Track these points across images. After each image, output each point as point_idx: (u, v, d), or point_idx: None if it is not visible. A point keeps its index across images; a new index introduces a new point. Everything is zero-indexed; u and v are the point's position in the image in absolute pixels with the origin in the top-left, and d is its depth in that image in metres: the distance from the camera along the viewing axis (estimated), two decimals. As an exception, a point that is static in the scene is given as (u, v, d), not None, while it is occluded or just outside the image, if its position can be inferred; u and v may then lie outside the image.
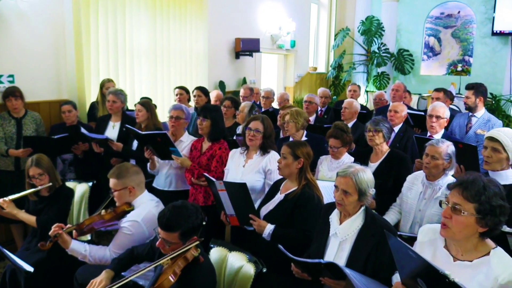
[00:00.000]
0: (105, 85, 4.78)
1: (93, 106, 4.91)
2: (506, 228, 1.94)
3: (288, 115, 3.91)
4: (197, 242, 2.16)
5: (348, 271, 1.97)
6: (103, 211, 2.80)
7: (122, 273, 2.49)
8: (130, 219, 2.74)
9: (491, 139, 2.59)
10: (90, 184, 3.78)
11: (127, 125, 3.89)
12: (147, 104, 4.15)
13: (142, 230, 2.73)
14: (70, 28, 4.85)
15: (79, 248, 2.68)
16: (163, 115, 5.35)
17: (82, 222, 2.75)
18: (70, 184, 3.71)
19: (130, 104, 4.98)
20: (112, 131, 4.34)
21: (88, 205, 3.71)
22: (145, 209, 2.81)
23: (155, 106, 5.06)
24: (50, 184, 3.21)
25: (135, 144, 4.14)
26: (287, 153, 2.78)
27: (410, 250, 1.63)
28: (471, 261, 1.74)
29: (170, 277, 2.04)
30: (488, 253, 1.73)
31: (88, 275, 2.86)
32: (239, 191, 2.78)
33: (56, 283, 3.12)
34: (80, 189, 3.76)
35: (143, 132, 3.67)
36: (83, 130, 4.02)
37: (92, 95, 5.03)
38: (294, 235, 2.63)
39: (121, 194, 2.83)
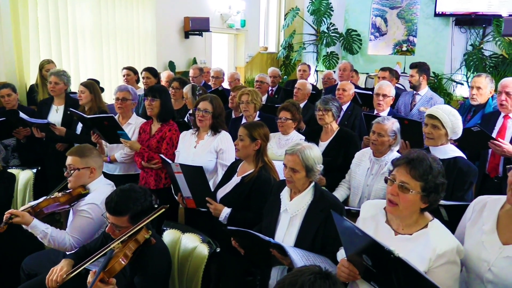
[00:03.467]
0: (44, 66, 4.54)
1: (33, 89, 4.67)
2: (440, 201, 2.04)
3: (246, 96, 3.84)
4: (149, 220, 2.12)
5: (294, 256, 2.02)
6: (58, 194, 2.66)
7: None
8: (89, 202, 2.62)
9: (431, 116, 2.69)
10: (34, 170, 3.62)
11: (71, 109, 3.74)
12: (90, 85, 3.98)
13: (102, 213, 2.64)
14: (6, 5, 4.54)
15: (41, 225, 2.53)
16: (111, 98, 5.18)
17: (37, 204, 2.60)
18: (13, 171, 3.53)
19: (75, 87, 4.78)
20: (56, 115, 4.15)
21: (33, 192, 3.56)
22: (103, 192, 2.68)
23: (102, 89, 4.89)
24: (-12, 169, 3.05)
25: (79, 128, 3.99)
26: (244, 135, 2.76)
27: (356, 228, 1.67)
28: (411, 234, 1.81)
29: (120, 259, 2.00)
30: (426, 226, 1.81)
31: (35, 265, 2.78)
32: (195, 174, 2.76)
33: (2, 274, 3.00)
34: (24, 175, 3.58)
35: (89, 116, 3.54)
36: (22, 114, 3.81)
37: (32, 77, 4.78)
38: (251, 218, 2.64)
39: (81, 173, 2.68)
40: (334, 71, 6.66)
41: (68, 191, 2.70)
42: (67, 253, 2.60)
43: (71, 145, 3.98)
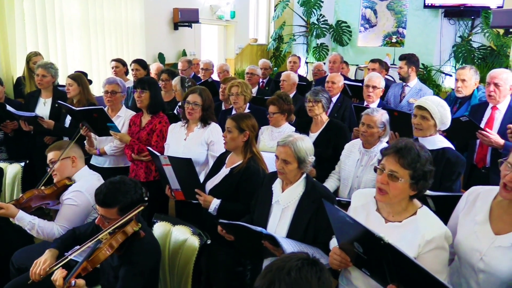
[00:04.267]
0: (31, 59, 4.49)
1: (20, 81, 4.61)
2: (427, 192, 2.06)
3: (235, 87, 3.82)
4: (140, 209, 2.12)
5: (285, 246, 2.04)
6: (43, 187, 2.68)
7: (65, 253, 2.41)
8: (73, 190, 2.65)
9: (420, 107, 2.70)
10: (23, 164, 3.59)
11: (59, 101, 3.70)
12: (78, 77, 3.94)
13: (87, 200, 2.64)
14: (-10, -3, 4.47)
15: (27, 216, 2.55)
16: (99, 90, 5.13)
17: (21, 196, 2.62)
18: (1, 164, 3.50)
19: (63, 80, 4.72)
20: (44, 108, 4.10)
21: (21, 185, 3.53)
22: (87, 181, 2.72)
23: (91, 81, 4.84)
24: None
25: (68, 121, 3.95)
26: (232, 127, 2.76)
27: (347, 216, 1.70)
28: (400, 221, 1.85)
29: (105, 249, 2.00)
30: (415, 213, 1.85)
31: (25, 259, 2.76)
32: (184, 166, 2.75)
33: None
34: (12, 169, 3.55)
35: (78, 108, 3.51)
36: (9, 107, 3.77)
37: (19, 69, 4.71)
38: (240, 210, 2.64)
39: (63, 165, 2.72)
40: (324, 63, 6.67)
41: (53, 183, 2.73)
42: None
43: (60, 139, 3.94)
